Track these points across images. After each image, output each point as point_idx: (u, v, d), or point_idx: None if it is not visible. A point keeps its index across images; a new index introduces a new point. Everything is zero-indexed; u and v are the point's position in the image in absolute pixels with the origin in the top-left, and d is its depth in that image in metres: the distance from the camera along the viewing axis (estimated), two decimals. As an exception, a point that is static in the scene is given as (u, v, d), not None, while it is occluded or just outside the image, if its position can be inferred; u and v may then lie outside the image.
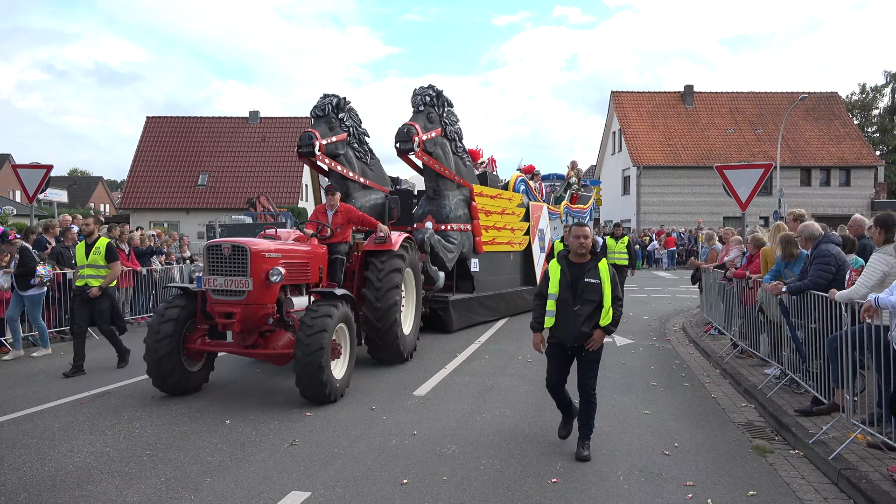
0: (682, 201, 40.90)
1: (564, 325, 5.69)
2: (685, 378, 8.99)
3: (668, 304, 18.05)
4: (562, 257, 5.85)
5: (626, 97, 45.52)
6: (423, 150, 12.34)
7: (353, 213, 9.60)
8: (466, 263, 13.54)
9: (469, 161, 14.20)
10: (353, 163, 13.16)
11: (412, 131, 12.03)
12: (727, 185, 11.73)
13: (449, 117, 13.20)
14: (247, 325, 7.58)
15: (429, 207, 13.30)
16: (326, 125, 12.55)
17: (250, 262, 7.39)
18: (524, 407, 7.40)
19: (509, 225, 15.12)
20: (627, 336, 12.39)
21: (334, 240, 9.34)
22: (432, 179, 13.25)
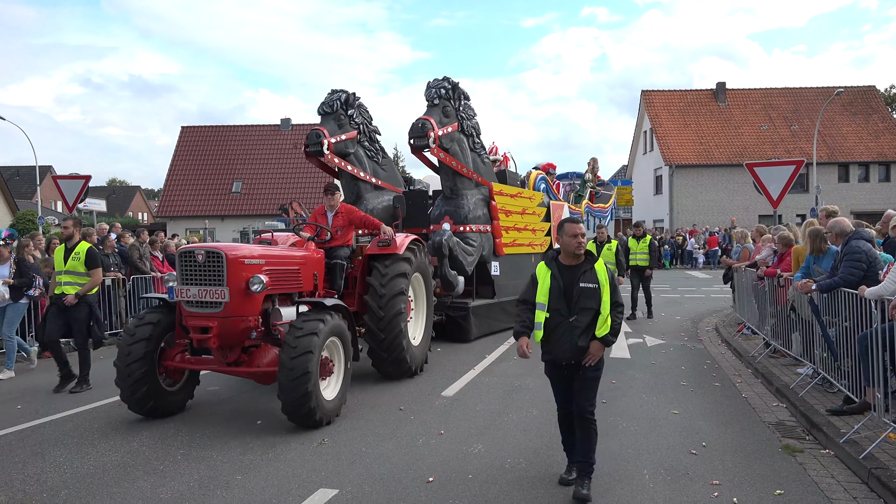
0: (715, 200, 40.39)
1: (558, 340, 4.92)
2: (716, 378, 8.91)
3: (701, 303, 17.85)
4: (551, 259, 5.09)
5: (656, 96, 45.12)
6: (438, 147, 11.52)
7: (354, 215, 8.89)
8: (486, 267, 12.83)
9: (487, 158, 13.38)
10: (364, 162, 12.50)
11: (427, 126, 11.18)
12: (758, 182, 11.60)
13: (466, 111, 12.35)
14: (226, 341, 6.80)
15: (446, 208, 12.44)
16: (335, 122, 11.83)
17: (227, 269, 6.58)
18: (551, 407, 7.30)
19: (530, 225, 14.47)
20: (658, 336, 12.31)
21: (335, 243, 8.67)
22: (449, 178, 12.37)
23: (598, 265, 5.01)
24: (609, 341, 4.93)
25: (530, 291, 5.09)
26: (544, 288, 4.97)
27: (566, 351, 4.91)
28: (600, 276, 4.95)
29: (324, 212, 8.88)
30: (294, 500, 4.84)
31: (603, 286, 4.93)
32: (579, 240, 4.98)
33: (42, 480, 5.37)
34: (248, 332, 6.80)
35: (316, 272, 7.95)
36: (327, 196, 8.81)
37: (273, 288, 7.01)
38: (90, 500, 4.94)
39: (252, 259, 6.85)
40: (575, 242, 4.99)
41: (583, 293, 4.89)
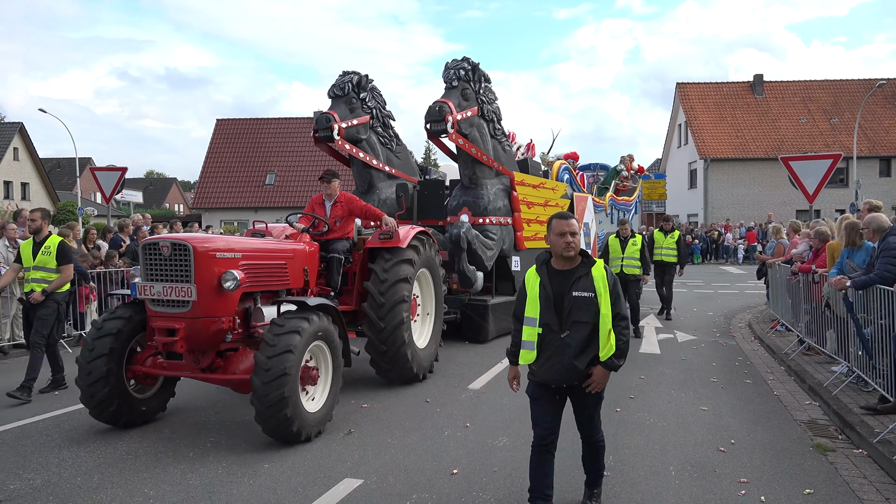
0: (751, 194, 39.67)
1: (550, 361, 4.14)
2: (747, 375, 8.79)
3: (734, 299, 17.60)
4: (541, 263, 4.29)
5: (691, 88, 44.43)
6: (457, 132, 10.71)
7: (355, 204, 8.17)
8: (507, 262, 12.03)
9: (509, 145, 12.49)
10: (377, 149, 11.81)
11: (444, 109, 10.40)
12: (793, 176, 11.38)
13: (486, 94, 11.50)
14: (196, 345, 6.11)
15: (464, 198, 11.58)
16: (346, 106, 11.17)
17: (195, 264, 5.87)
18: (578, 401, 7.37)
19: None
20: (689, 332, 12.17)
21: (333, 235, 7.99)
22: (468, 166, 11.53)
23: (597, 269, 4.16)
24: (615, 365, 4.15)
25: (519, 303, 4.34)
26: (534, 297, 4.21)
27: (557, 373, 4.14)
28: (598, 283, 4.11)
29: (321, 201, 8.22)
30: (319, 490, 4.89)
31: (600, 295, 4.09)
32: (567, 239, 4.15)
33: (77, 464, 5.50)
34: (222, 334, 6.10)
35: (307, 267, 7.28)
36: (324, 184, 8.12)
37: (252, 285, 6.34)
38: (123, 483, 5.05)
39: (225, 252, 6.14)
40: (562, 242, 4.16)
41: (576, 303, 4.08)
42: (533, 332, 4.19)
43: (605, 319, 4.09)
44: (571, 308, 4.09)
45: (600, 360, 4.13)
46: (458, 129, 10.72)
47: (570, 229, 4.17)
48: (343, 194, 8.23)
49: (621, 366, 4.17)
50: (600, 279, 4.14)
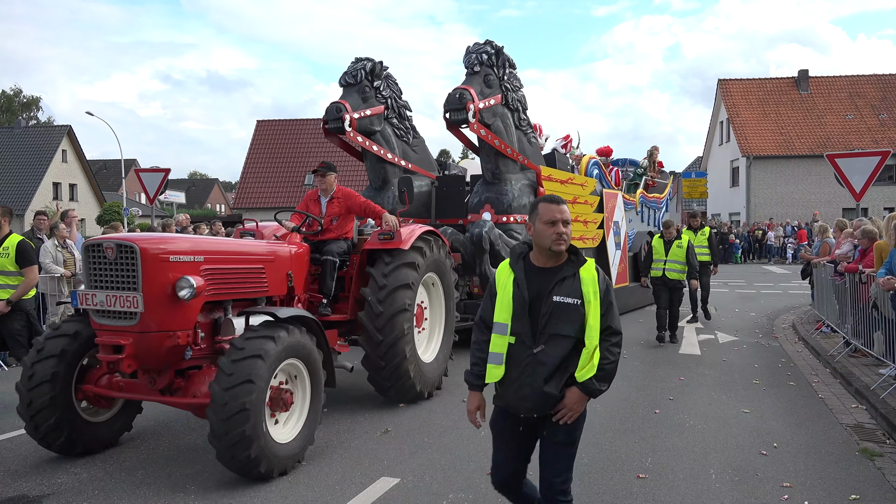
0: (795, 192, 38.78)
1: (516, 381, 3.31)
2: (791, 377, 8.60)
3: (777, 300, 17.24)
4: (517, 257, 3.44)
5: (733, 85, 43.63)
6: (479, 122, 9.79)
7: (353, 200, 7.28)
8: None
9: (534, 137, 11.54)
10: (392, 142, 10.96)
11: (465, 97, 9.54)
12: (839, 174, 11.08)
13: (511, 81, 10.57)
14: (146, 363, 5.29)
15: (487, 194, 10.66)
16: (359, 95, 10.35)
17: (142, 268, 5.03)
18: (617, 402, 7.30)
19: (581, 216, 12.67)
20: (731, 333, 11.96)
21: (328, 235, 7.14)
22: (490, 159, 10.60)
23: (586, 270, 3.34)
24: (595, 390, 3.27)
25: (487, 305, 3.47)
26: (505, 299, 3.35)
27: (527, 399, 3.28)
28: (586, 288, 3.28)
29: (316, 197, 7.38)
30: (356, 488, 4.93)
31: (588, 303, 3.26)
32: (559, 229, 3.29)
33: (120, 460, 5.63)
34: (179, 351, 5.27)
35: (291, 272, 6.42)
36: (319, 177, 7.32)
37: (218, 293, 5.48)
38: (165, 478, 5.16)
39: (182, 255, 5.27)
40: (552, 233, 3.29)
41: (556, 310, 3.26)
42: (503, 342, 3.33)
43: (591, 333, 3.25)
44: (549, 316, 3.26)
45: (576, 381, 3.26)
46: (480, 119, 9.84)
47: (563, 216, 3.31)
48: (340, 189, 7.36)
49: (603, 391, 3.32)
50: (590, 282, 3.30)
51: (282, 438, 5.19)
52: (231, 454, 4.82)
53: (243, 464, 4.86)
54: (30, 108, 64.56)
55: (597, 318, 3.27)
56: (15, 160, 44.96)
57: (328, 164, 7.35)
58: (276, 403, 5.21)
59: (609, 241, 13.81)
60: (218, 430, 4.76)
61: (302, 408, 5.48)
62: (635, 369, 9.00)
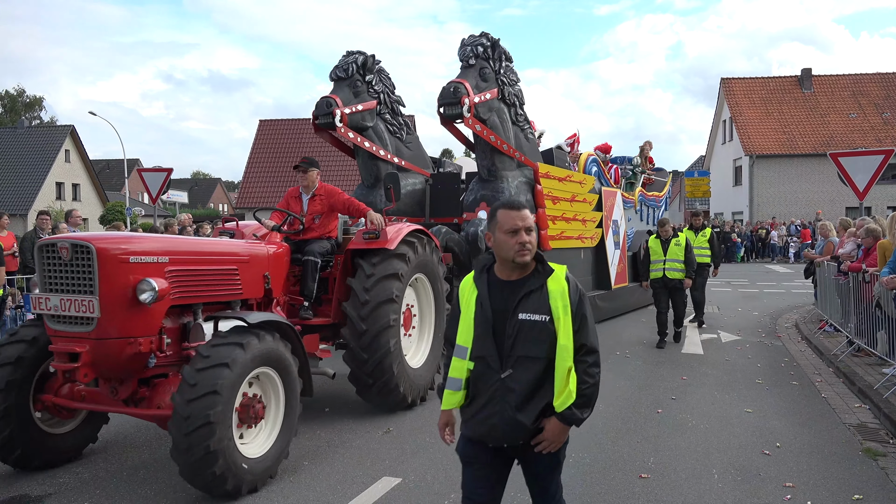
0: (799, 191, 38.70)
1: (484, 410, 2.93)
2: (794, 376, 8.58)
3: (780, 299, 17.19)
4: (482, 270, 3.07)
5: (736, 83, 43.53)
6: (474, 117, 9.47)
7: (336, 198, 6.92)
8: None
9: (532, 133, 11.19)
10: (385, 138, 10.63)
11: (460, 91, 9.23)
12: (843, 173, 11.06)
13: (507, 75, 10.27)
14: (106, 372, 4.94)
15: (482, 192, 10.30)
16: (350, 90, 10.02)
17: (98, 270, 4.66)
18: (618, 401, 7.30)
19: (580, 215, 12.32)
20: (734, 332, 11.92)
21: (310, 234, 6.81)
22: (486, 156, 10.29)
23: (555, 281, 2.93)
24: (577, 419, 2.89)
25: (452, 323, 3.13)
26: (468, 317, 2.98)
27: (494, 428, 2.91)
28: (555, 302, 2.88)
29: (297, 194, 7.05)
30: (358, 488, 4.93)
31: (558, 319, 2.86)
32: (522, 238, 2.91)
33: (122, 460, 5.64)
34: (142, 358, 4.88)
35: (269, 273, 6.06)
36: (300, 173, 6.94)
37: (185, 296, 5.13)
38: (167, 478, 5.16)
39: (143, 256, 4.90)
40: (514, 244, 2.91)
41: (522, 329, 2.87)
42: (461, 367, 2.97)
43: (563, 353, 2.85)
44: (516, 336, 2.87)
45: (555, 411, 2.89)
46: (476, 114, 9.52)
47: (525, 223, 2.94)
48: (323, 186, 6.99)
49: (585, 419, 2.93)
50: (559, 295, 2.89)
51: (251, 453, 4.86)
52: (194, 471, 4.50)
53: (208, 481, 4.53)
54: (33, 108, 64.64)
55: (569, 335, 2.86)
56: (18, 160, 44.96)
57: (310, 160, 7.00)
58: (245, 415, 4.86)
59: (608, 240, 13.56)
60: (180, 444, 4.44)
61: (275, 420, 5.12)
62: (637, 368, 8.99)
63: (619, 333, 11.87)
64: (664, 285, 10.68)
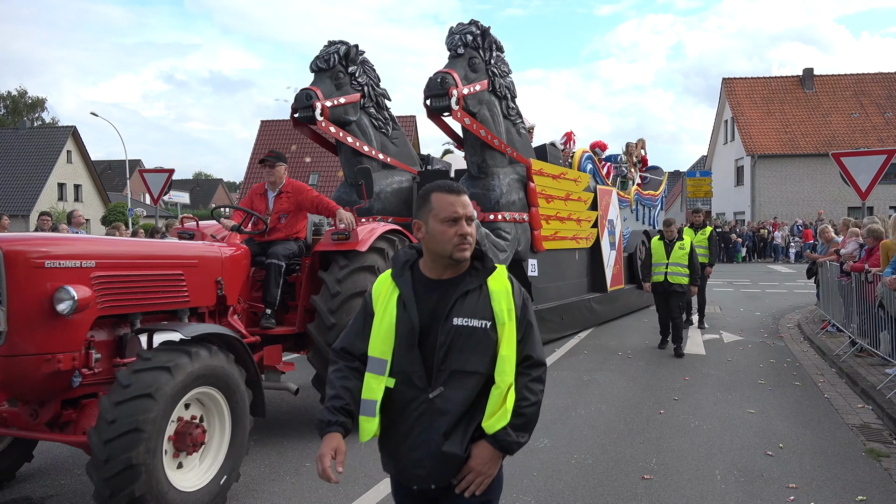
0: (801, 191, 38.70)
1: (406, 441, 2.40)
2: (796, 377, 8.56)
3: (783, 299, 17.18)
4: (402, 266, 2.49)
5: (738, 83, 43.52)
6: (463, 110, 8.96)
7: (304, 195, 6.38)
8: (521, 266, 10.19)
9: (524, 128, 10.67)
10: (369, 133, 10.11)
11: (448, 82, 8.72)
12: (845, 173, 11.05)
13: (498, 66, 9.75)
14: (18, 394, 4.34)
15: (472, 190, 9.61)
16: (332, 82, 9.50)
17: (6, 276, 4.06)
18: (621, 402, 7.28)
19: (575, 214, 11.83)
20: (736, 332, 11.90)
21: (276, 235, 6.28)
22: (476, 152, 9.81)
23: (497, 280, 2.43)
24: (511, 443, 2.34)
25: (355, 330, 2.52)
26: (386, 325, 2.40)
27: (418, 464, 2.37)
28: (498, 305, 2.38)
29: (263, 191, 6.51)
30: (360, 489, 4.92)
31: (502, 325, 2.37)
32: (463, 230, 2.39)
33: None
34: (63, 377, 4.24)
35: (222, 278, 5.39)
36: (267, 168, 6.41)
37: (117, 305, 4.51)
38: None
39: (63, 260, 4.25)
40: (453, 235, 2.38)
41: (456, 339, 2.35)
42: (378, 386, 2.39)
43: (505, 366, 2.34)
44: (449, 347, 2.34)
45: (485, 434, 2.34)
46: (465, 107, 9.02)
47: (466, 211, 2.42)
48: (290, 183, 6.49)
49: (523, 444, 2.36)
50: (503, 296, 2.39)
51: (191, 485, 4.28)
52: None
53: None
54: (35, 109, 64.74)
55: (511, 345, 2.36)
56: (20, 161, 45.07)
57: (277, 154, 6.54)
58: (182, 442, 4.26)
59: (603, 240, 13.10)
60: (102, 490, 3.85)
61: (220, 443, 4.55)
62: (639, 369, 8.97)
63: (620, 334, 11.87)
64: (665, 290, 10.06)
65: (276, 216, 6.37)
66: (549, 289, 10.93)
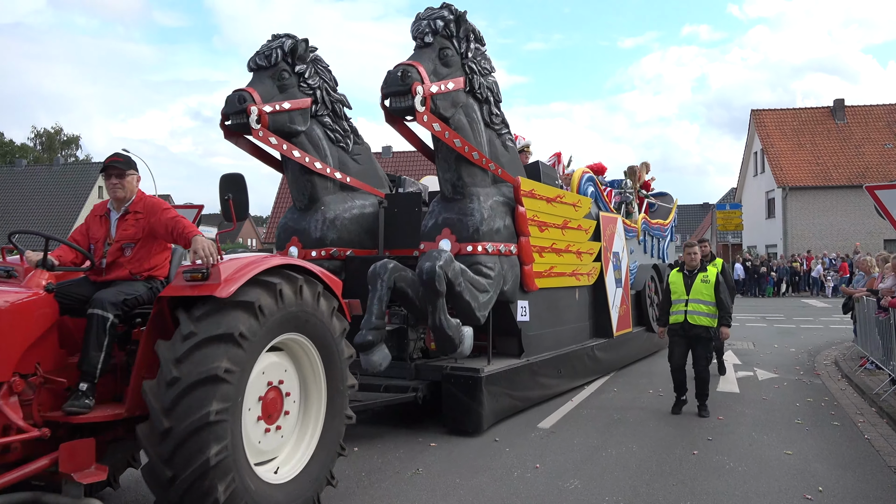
0: (834, 223, 38.15)
1: None
2: (835, 416, 8.37)
3: (818, 335, 16.85)
4: None
5: (767, 115, 43.33)
6: (431, 112, 7.32)
7: (159, 216, 4.74)
8: (510, 309, 8.35)
9: (511, 139, 8.80)
10: (323, 147, 8.59)
11: (411, 76, 7.05)
12: (880, 206, 10.84)
13: (477, 61, 8.03)
14: None
15: (445, 215, 8.06)
16: (274, 82, 8.11)
17: None
18: (653, 442, 7.17)
19: (574, 245, 9.88)
20: (770, 369, 11.69)
21: (117, 273, 4.66)
22: (450, 167, 7.98)
23: None
24: None
25: None
26: None
27: None
28: None
29: (104, 212, 4.91)
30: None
31: None
32: None
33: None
34: None
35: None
36: (109, 180, 4.78)
37: None
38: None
39: None
40: None
41: None
42: None
43: None
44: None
45: None
46: (434, 109, 7.40)
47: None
48: (144, 199, 4.87)
49: None
50: None
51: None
52: None
53: None
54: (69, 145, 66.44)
55: None
56: (52, 198, 46.30)
57: (125, 158, 4.88)
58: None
59: (608, 276, 11.19)
60: None
61: None
62: (671, 407, 8.83)
63: (651, 370, 11.71)
64: (684, 333, 8.34)
65: (117, 246, 4.67)
66: (544, 336, 9.11)
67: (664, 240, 15.30)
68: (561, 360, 9.44)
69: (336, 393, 5.05)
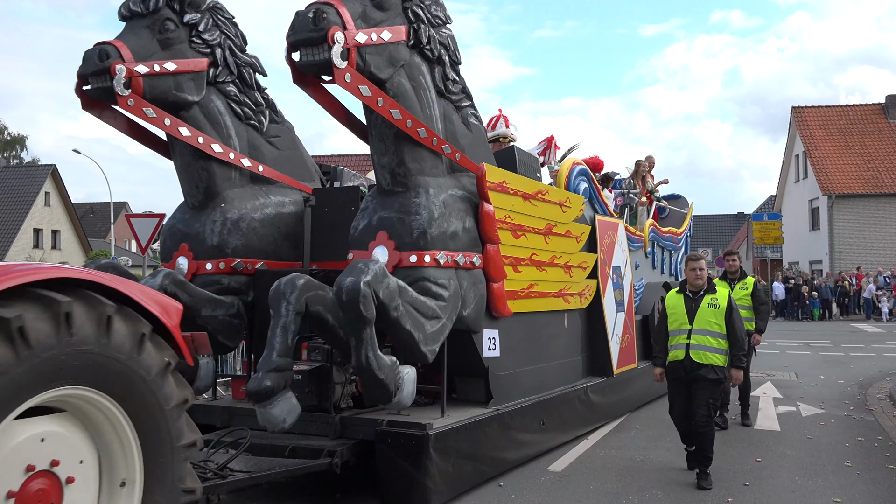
0: (888, 236, 38.32)
1: None
2: (890, 458, 8.36)
3: (871, 364, 16.87)
4: None
5: (810, 113, 43.65)
6: (357, 69, 6.09)
7: None
8: (473, 340, 7.18)
9: (476, 115, 7.69)
10: (225, 124, 7.46)
11: (327, 17, 5.80)
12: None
13: (427, 7, 6.88)
14: None
15: (381, 213, 6.90)
16: (153, 35, 6.88)
17: None
18: (680, 489, 7.14)
19: (561, 257, 8.66)
20: (815, 404, 11.70)
21: None
22: (388, 148, 6.78)
23: None
24: None
25: None
26: None
27: None
28: None
29: None
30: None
31: None
32: None
33: None
34: None
35: None
36: None
37: None
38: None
39: None
40: None
41: None
42: None
43: None
44: None
45: None
46: (362, 67, 6.17)
47: None
48: None
49: None
50: None
51: None
52: None
53: None
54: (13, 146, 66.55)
55: None
56: (-7, 204, 46.34)
57: None
58: None
59: (606, 298, 10.13)
60: None
61: None
62: (702, 448, 8.82)
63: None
64: (686, 374, 7.30)
65: None
66: (521, 376, 7.95)
67: (677, 252, 14.09)
68: (544, 407, 8.24)
69: (161, 460, 3.80)
